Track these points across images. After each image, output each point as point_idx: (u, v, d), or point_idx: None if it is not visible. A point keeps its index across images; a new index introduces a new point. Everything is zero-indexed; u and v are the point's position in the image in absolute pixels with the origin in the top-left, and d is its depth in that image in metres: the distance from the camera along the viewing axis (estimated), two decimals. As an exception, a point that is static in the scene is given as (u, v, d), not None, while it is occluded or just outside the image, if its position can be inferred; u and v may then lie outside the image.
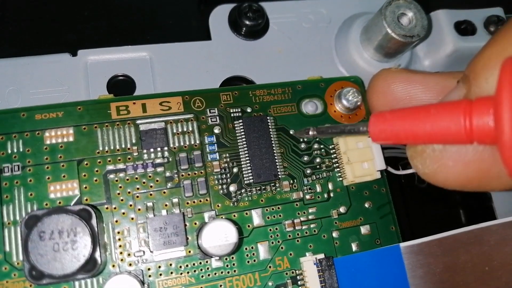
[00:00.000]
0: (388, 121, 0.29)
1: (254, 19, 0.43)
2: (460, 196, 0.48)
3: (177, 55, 0.42)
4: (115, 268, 0.34)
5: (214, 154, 0.37)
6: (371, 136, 0.30)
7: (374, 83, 0.38)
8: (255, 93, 0.39)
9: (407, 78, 0.36)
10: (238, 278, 0.35)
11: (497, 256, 0.35)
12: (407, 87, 0.37)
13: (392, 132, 0.29)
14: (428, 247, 0.35)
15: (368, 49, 0.43)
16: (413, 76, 0.36)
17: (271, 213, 0.37)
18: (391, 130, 0.29)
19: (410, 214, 0.45)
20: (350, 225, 0.38)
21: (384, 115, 0.29)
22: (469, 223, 0.35)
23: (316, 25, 0.46)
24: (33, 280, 0.30)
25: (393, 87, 0.37)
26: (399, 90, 0.37)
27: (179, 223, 0.34)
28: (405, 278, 0.35)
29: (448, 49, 0.45)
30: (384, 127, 0.29)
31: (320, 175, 0.38)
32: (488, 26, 0.46)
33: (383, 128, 0.29)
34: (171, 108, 0.37)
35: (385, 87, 0.37)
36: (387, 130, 0.29)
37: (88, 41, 0.43)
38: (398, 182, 0.45)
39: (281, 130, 0.39)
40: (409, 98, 0.36)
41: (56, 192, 0.34)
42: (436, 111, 0.26)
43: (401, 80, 0.37)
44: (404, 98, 0.36)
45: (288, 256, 0.36)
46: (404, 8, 0.41)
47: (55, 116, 0.35)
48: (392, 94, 0.37)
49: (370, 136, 0.30)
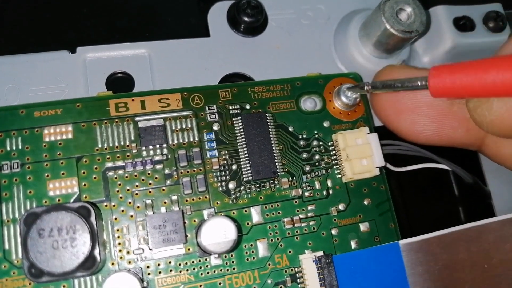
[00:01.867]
0: (449, 74, 0.28)
1: (253, 15, 0.43)
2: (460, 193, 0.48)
3: (175, 52, 0.42)
4: (114, 266, 0.33)
5: (213, 151, 0.37)
6: (431, 90, 0.30)
7: (378, 79, 0.38)
8: (254, 89, 0.39)
9: (411, 74, 0.36)
10: (237, 276, 0.35)
11: (497, 254, 0.35)
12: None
13: (454, 85, 0.28)
14: (427, 245, 0.35)
15: (367, 45, 0.43)
16: (417, 72, 0.36)
17: (270, 211, 0.37)
18: (452, 83, 0.28)
19: (409, 212, 0.46)
20: (349, 222, 0.38)
21: (444, 68, 0.29)
22: (469, 221, 0.35)
23: (315, 22, 0.46)
24: (33, 278, 0.30)
25: None
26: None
27: (178, 220, 0.34)
28: (404, 275, 0.35)
29: (447, 45, 0.45)
30: (445, 80, 0.28)
31: (319, 172, 0.38)
32: (487, 22, 0.46)
33: (444, 81, 0.28)
34: (170, 105, 0.37)
35: None
36: (448, 84, 0.28)
37: (87, 38, 0.43)
38: (397, 179, 0.45)
39: (280, 127, 0.39)
40: (414, 93, 0.36)
41: (55, 190, 0.34)
42: (501, 62, 0.26)
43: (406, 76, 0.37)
44: (409, 93, 0.36)
45: (287, 254, 0.36)
46: (402, 3, 0.41)
47: (54, 113, 0.35)
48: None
49: (430, 90, 0.30)
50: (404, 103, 0.37)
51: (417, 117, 0.37)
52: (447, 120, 0.36)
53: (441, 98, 0.33)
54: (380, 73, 0.38)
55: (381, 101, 0.38)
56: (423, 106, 0.37)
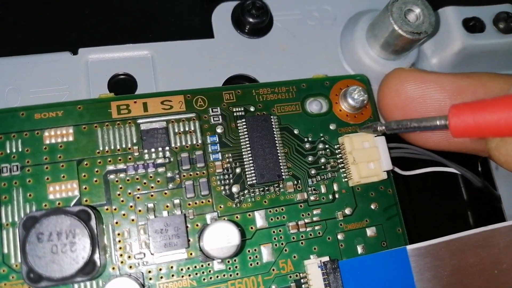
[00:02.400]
0: (471, 113, 0.27)
1: (258, 16, 0.43)
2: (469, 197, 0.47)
3: (179, 54, 0.42)
4: (115, 271, 0.33)
5: (216, 154, 0.36)
6: (451, 130, 0.29)
7: (387, 81, 0.38)
8: (259, 91, 0.39)
9: (421, 77, 0.36)
10: (240, 281, 0.34)
11: (507, 259, 0.34)
12: (421, 85, 0.36)
13: (477, 125, 0.27)
14: (435, 250, 0.34)
15: (374, 46, 0.43)
16: (427, 76, 0.36)
17: (274, 215, 0.36)
18: (474, 123, 0.27)
19: (417, 216, 0.45)
20: (355, 227, 0.37)
21: (464, 106, 0.28)
22: (478, 225, 0.35)
23: (321, 23, 0.46)
24: (31, 282, 0.30)
25: (406, 86, 0.37)
26: (413, 89, 0.37)
27: (180, 224, 0.34)
28: (412, 281, 0.34)
29: (456, 47, 0.45)
30: (467, 119, 0.27)
31: (325, 176, 0.38)
32: (497, 23, 0.45)
33: (465, 120, 0.27)
34: (173, 107, 0.37)
35: (399, 86, 0.37)
36: (469, 123, 0.27)
37: (89, 40, 0.42)
38: (405, 183, 0.44)
39: (285, 129, 0.38)
40: (423, 97, 0.36)
41: (56, 193, 0.33)
42: None
43: (415, 79, 0.36)
44: (418, 97, 0.36)
45: (292, 259, 0.35)
46: (411, 4, 0.40)
47: (54, 115, 0.35)
48: (405, 93, 0.37)
49: (451, 131, 0.29)
50: (413, 107, 0.37)
51: None
52: None
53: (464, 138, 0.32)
54: (389, 76, 0.38)
55: (389, 106, 0.38)
56: (432, 111, 0.36)
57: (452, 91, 0.36)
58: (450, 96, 0.36)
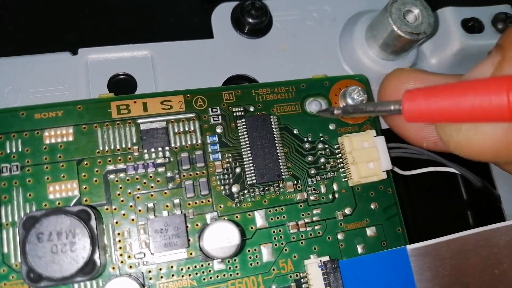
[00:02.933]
0: (422, 99, 0.28)
1: (257, 17, 0.43)
2: (468, 197, 0.47)
3: (179, 54, 0.42)
4: (115, 271, 0.33)
5: (216, 154, 0.36)
6: (404, 115, 0.29)
7: (387, 82, 0.38)
8: (258, 92, 0.39)
9: (420, 78, 0.36)
10: (240, 281, 0.34)
11: (507, 259, 0.34)
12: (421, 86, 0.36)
13: (427, 110, 0.27)
14: (435, 250, 0.34)
15: (373, 47, 0.43)
16: (426, 76, 0.36)
17: (274, 215, 0.36)
18: (426, 108, 0.28)
19: (417, 216, 0.45)
20: (355, 226, 0.37)
21: (418, 92, 0.28)
22: (478, 225, 0.35)
23: (320, 23, 0.46)
24: (31, 282, 0.30)
25: (406, 86, 0.37)
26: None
27: (180, 224, 0.34)
28: (412, 281, 0.34)
29: (455, 47, 0.45)
30: (419, 104, 0.28)
31: (324, 176, 0.38)
32: (496, 23, 0.45)
33: (417, 105, 0.28)
34: (173, 107, 0.37)
35: (399, 86, 0.37)
36: (422, 108, 0.28)
37: (89, 40, 0.42)
38: (405, 182, 0.44)
39: (284, 129, 0.38)
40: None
41: (56, 193, 0.33)
42: (476, 87, 0.25)
43: (415, 80, 0.36)
44: None
45: (292, 259, 0.35)
46: (410, 5, 0.40)
47: (54, 115, 0.35)
48: None
49: (404, 115, 0.29)
50: None
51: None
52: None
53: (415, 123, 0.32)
54: (389, 77, 0.38)
55: None
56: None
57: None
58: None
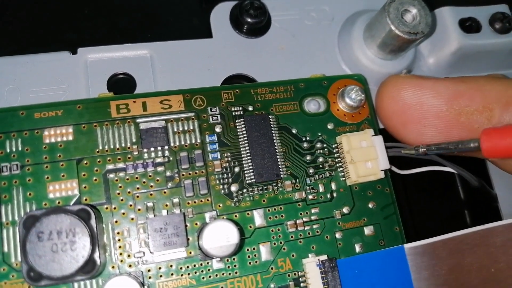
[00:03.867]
0: (500, 138, 0.31)
1: (256, 16, 0.43)
2: (466, 196, 0.47)
3: (178, 53, 0.42)
4: (114, 269, 0.33)
5: (215, 153, 0.37)
6: (484, 151, 0.32)
7: (384, 89, 0.38)
8: (257, 91, 0.39)
9: (417, 84, 0.36)
10: (239, 280, 0.34)
11: (503, 258, 0.34)
12: (417, 92, 0.37)
13: (505, 146, 0.30)
14: (432, 249, 0.34)
15: (371, 46, 0.43)
16: (423, 82, 0.36)
17: (273, 214, 0.36)
18: (504, 144, 0.30)
19: (415, 215, 0.45)
20: (353, 225, 0.37)
21: (495, 132, 0.31)
22: (475, 224, 0.35)
23: (318, 23, 0.46)
24: (31, 281, 0.30)
25: (403, 93, 0.37)
26: (409, 96, 0.37)
27: (179, 223, 0.34)
28: (410, 280, 0.34)
29: (453, 47, 0.45)
30: (497, 142, 0.31)
31: (323, 175, 0.38)
32: (493, 23, 0.45)
33: (495, 143, 0.31)
34: (172, 106, 0.37)
35: (395, 93, 0.37)
36: (499, 145, 0.31)
37: (88, 39, 0.42)
38: (402, 182, 0.45)
39: (283, 129, 0.38)
40: (420, 103, 0.36)
41: (55, 192, 0.33)
42: None
43: (411, 86, 0.37)
44: (415, 104, 0.37)
45: (291, 258, 0.36)
46: (408, 5, 0.40)
47: (54, 114, 0.35)
48: (402, 100, 0.37)
49: (483, 152, 0.32)
50: (410, 114, 0.37)
51: (424, 128, 0.37)
52: (455, 131, 0.36)
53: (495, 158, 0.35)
54: (385, 84, 0.38)
55: (387, 113, 0.38)
56: (430, 117, 0.36)
57: (449, 96, 0.36)
58: (446, 101, 0.36)
